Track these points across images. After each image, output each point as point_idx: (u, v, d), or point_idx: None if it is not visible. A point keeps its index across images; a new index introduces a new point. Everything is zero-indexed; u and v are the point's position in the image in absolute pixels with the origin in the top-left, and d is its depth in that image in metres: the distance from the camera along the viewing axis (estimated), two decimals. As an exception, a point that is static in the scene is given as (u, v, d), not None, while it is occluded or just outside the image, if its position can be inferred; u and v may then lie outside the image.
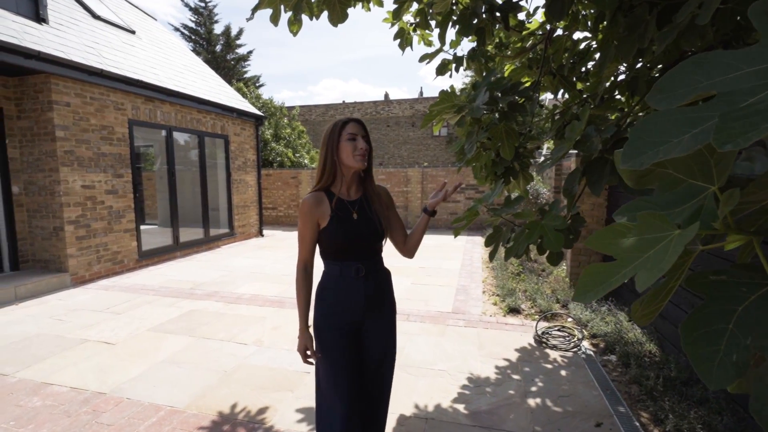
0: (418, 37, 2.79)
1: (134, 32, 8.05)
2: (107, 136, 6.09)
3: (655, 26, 1.37)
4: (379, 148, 22.78)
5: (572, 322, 3.96)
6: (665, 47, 1.35)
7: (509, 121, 1.85)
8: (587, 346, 3.47)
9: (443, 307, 4.55)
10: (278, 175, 12.77)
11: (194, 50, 23.98)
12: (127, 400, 2.68)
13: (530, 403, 2.63)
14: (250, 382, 2.91)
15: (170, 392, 2.77)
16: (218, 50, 24.95)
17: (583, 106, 2.04)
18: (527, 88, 2.02)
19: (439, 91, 1.73)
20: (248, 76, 25.58)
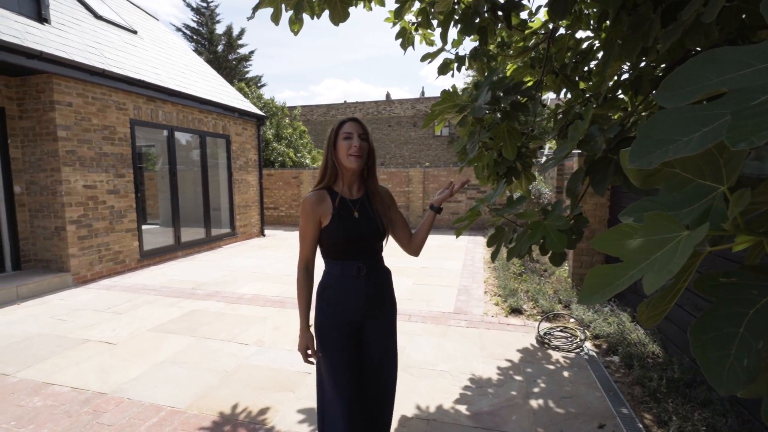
0: (419, 36, 2.77)
1: (136, 32, 8.06)
2: (109, 136, 6.09)
3: (659, 24, 1.35)
4: (380, 148, 22.77)
5: (575, 322, 3.95)
6: (669, 46, 1.33)
7: (511, 120, 1.83)
8: (590, 347, 3.45)
9: (445, 307, 4.53)
10: (280, 175, 12.77)
11: (196, 50, 24.02)
12: (128, 400, 2.68)
13: (532, 404, 2.61)
14: (251, 382, 2.90)
15: (171, 392, 2.77)
16: (220, 50, 24.98)
17: (586, 105, 2.03)
18: (530, 87, 2.01)
19: (440, 90, 1.72)
20: (250, 76, 25.61)
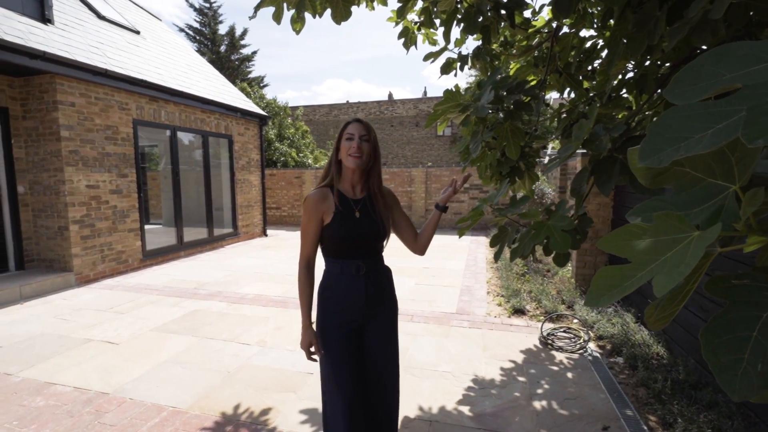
0: (422, 35, 2.76)
1: (139, 32, 8.08)
2: (112, 135, 6.11)
3: (665, 22, 1.33)
4: (382, 148, 22.74)
5: (578, 323, 3.92)
6: (675, 44, 1.31)
7: (515, 120, 1.82)
8: (593, 347, 3.43)
9: (447, 307, 4.52)
10: (282, 174, 12.78)
11: (199, 50, 24.07)
12: (129, 400, 2.67)
13: (536, 405, 2.59)
14: (253, 382, 2.89)
15: (173, 393, 2.76)
16: (223, 50, 25.02)
17: (590, 104, 2.01)
18: (533, 86, 1.99)
19: (443, 90, 1.71)
20: (252, 76, 25.63)
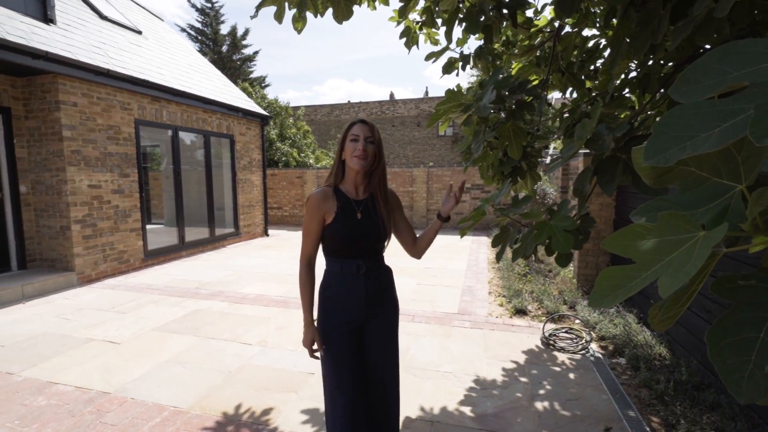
0: (424, 35, 2.76)
1: (141, 32, 8.09)
2: (114, 135, 6.11)
3: (668, 21, 1.33)
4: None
5: (580, 323, 3.91)
6: (678, 43, 1.30)
7: (517, 119, 1.81)
8: (595, 348, 3.42)
9: (449, 308, 4.51)
10: (283, 174, 12.79)
11: (201, 51, 24.11)
12: (131, 400, 2.67)
13: (537, 406, 2.58)
14: (254, 382, 2.89)
15: (174, 392, 2.76)
16: (224, 50, 25.06)
17: (592, 104, 2.00)
18: (535, 86, 1.98)
19: (445, 90, 1.71)
20: (254, 76, 25.66)
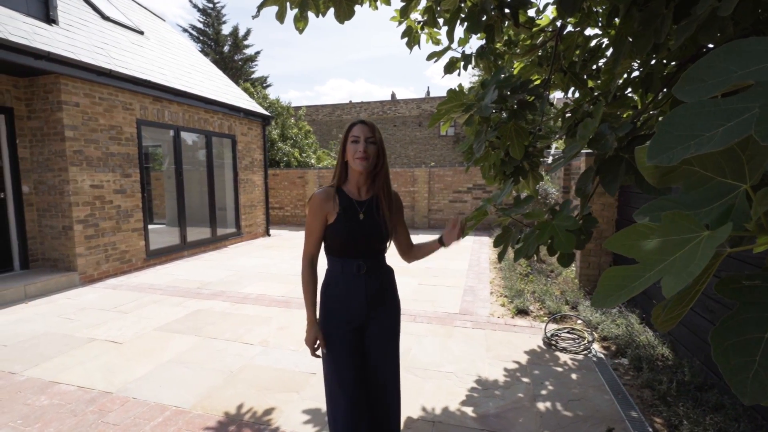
0: (425, 35, 2.75)
1: (143, 33, 8.11)
2: (116, 136, 6.13)
3: (671, 20, 1.32)
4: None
5: (582, 324, 3.90)
6: (682, 42, 1.30)
7: (518, 119, 1.81)
8: (598, 348, 3.41)
9: (450, 308, 4.50)
10: (285, 174, 12.80)
11: (202, 51, 24.14)
12: (133, 399, 2.68)
13: (539, 406, 2.58)
14: (256, 382, 2.89)
15: (176, 392, 2.77)
16: (226, 51, 25.10)
17: (595, 104, 2.00)
18: (537, 86, 1.98)
19: (446, 90, 1.70)
20: (256, 76, 25.69)
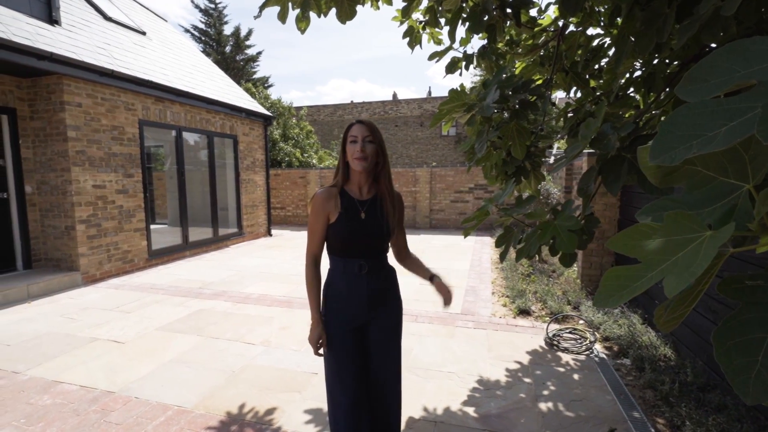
0: (427, 35, 2.75)
1: (145, 33, 8.12)
2: (118, 136, 6.14)
3: (674, 20, 1.32)
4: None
5: (584, 324, 3.89)
6: (684, 42, 1.30)
7: (520, 119, 1.81)
8: (600, 349, 3.40)
9: (452, 308, 4.50)
10: (286, 175, 12.81)
11: (204, 51, 24.19)
12: (135, 399, 2.68)
13: (541, 407, 2.58)
14: (257, 382, 2.90)
15: (178, 392, 2.77)
16: (228, 51, 25.14)
17: (597, 103, 1.99)
18: (539, 85, 1.98)
19: (448, 90, 1.70)
20: (257, 76, 25.73)
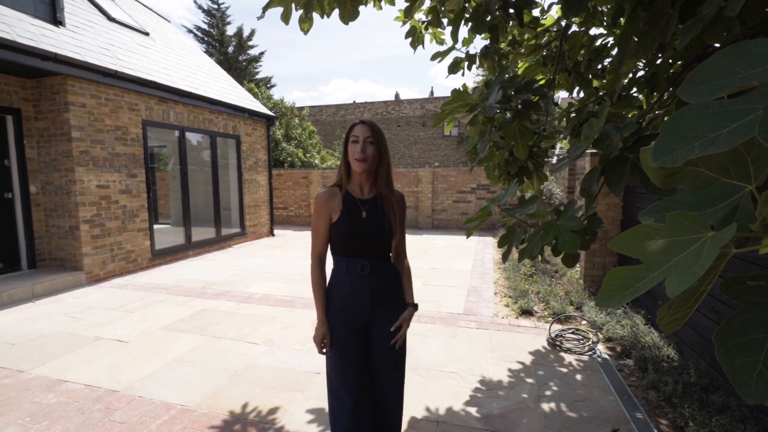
0: (429, 35, 2.75)
1: (148, 34, 8.16)
2: (121, 136, 6.17)
3: (677, 20, 1.32)
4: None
5: (587, 324, 3.89)
6: (688, 42, 1.29)
7: (523, 119, 1.81)
8: (603, 349, 3.39)
9: (454, 308, 4.50)
10: (289, 175, 12.83)
11: (207, 51, 24.26)
12: (139, 398, 2.70)
13: (544, 407, 2.57)
14: (260, 382, 2.91)
15: (181, 391, 2.78)
16: (230, 51, 25.19)
17: (600, 103, 1.99)
18: (542, 85, 1.98)
19: (450, 90, 1.71)
20: (260, 77, 25.78)
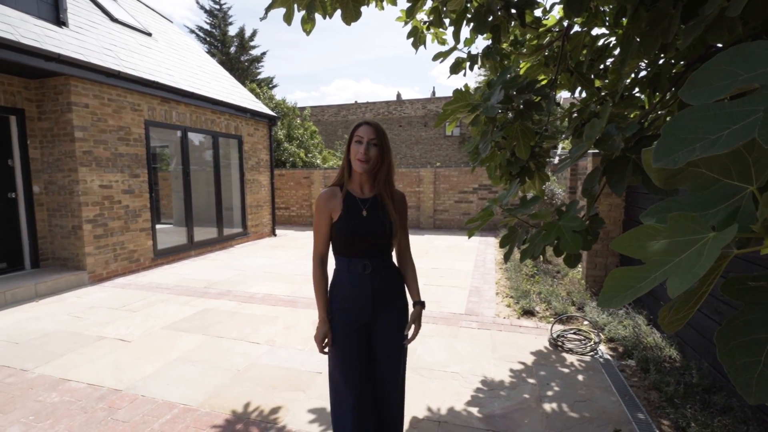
0: (431, 35, 2.76)
1: (150, 34, 8.18)
2: (124, 136, 6.19)
3: (679, 20, 1.32)
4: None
5: (588, 325, 3.88)
6: (690, 42, 1.29)
7: (525, 119, 1.81)
8: (604, 350, 3.39)
9: (456, 308, 4.50)
10: (291, 175, 12.85)
11: (209, 52, 24.30)
12: (141, 397, 2.71)
13: (546, 407, 2.57)
14: (262, 381, 2.92)
15: (184, 390, 2.79)
16: (232, 52, 25.22)
17: (602, 104, 1.99)
18: (544, 86, 1.98)
19: (452, 90, 1.71)
20: (262, 77, 25.80)
